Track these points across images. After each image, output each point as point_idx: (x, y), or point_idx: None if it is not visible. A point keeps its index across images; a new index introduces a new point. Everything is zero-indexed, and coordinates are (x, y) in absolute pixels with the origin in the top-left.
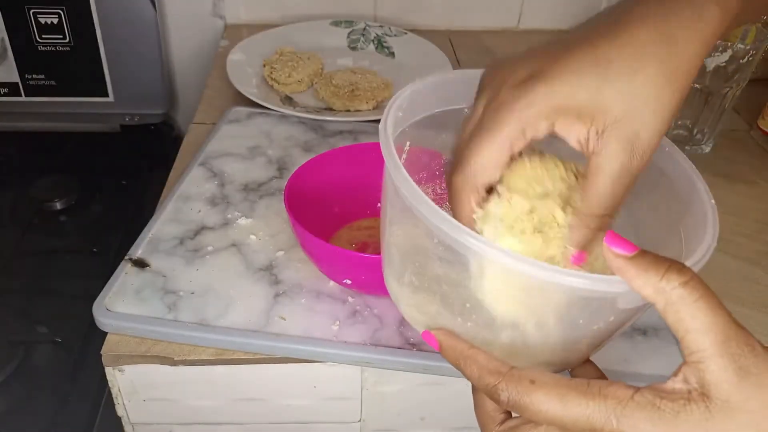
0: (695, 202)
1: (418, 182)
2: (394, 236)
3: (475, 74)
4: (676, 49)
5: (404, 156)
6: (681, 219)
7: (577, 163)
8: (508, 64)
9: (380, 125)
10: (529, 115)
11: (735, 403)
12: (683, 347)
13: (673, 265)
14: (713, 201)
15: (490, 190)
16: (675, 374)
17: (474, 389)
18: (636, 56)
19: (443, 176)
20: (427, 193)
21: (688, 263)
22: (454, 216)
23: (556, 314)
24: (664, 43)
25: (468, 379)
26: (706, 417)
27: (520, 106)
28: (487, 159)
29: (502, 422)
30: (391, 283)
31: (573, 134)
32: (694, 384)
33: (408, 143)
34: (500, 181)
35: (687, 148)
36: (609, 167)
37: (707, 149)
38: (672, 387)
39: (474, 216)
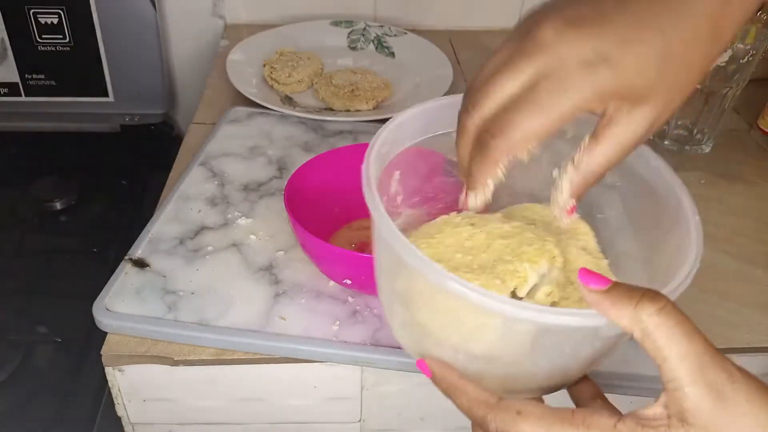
0: (681, 219)
1: (419, 184)
2: (385, 275)
3: (454, 100)
4: (718, 44)
5: (394, 185)
6: (669, 235)
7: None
8: (572, 31)
9: (363, 168)
10: (590, 99)
11: (713, 429)
12: (662, 374)
13: (646, 293)
14: (698, 217)
15: None
16: (656, 400)
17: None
18: (692, 50)
19: (441, 176)
20: (425, 191)
21: (665, 289)
22: (473, 169)
23: (541, 346)
24: (713, 39)
25: (459, 409)
26: None
27: (585, 90)
28: (534, 132)
29: None
30: (385, 308)
31: (608, 107)
32: (673, 410)
33: (398, 173)
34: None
35: (687, 148)
36: (624, 139)
37: (707, 149)
38: (653, 413)
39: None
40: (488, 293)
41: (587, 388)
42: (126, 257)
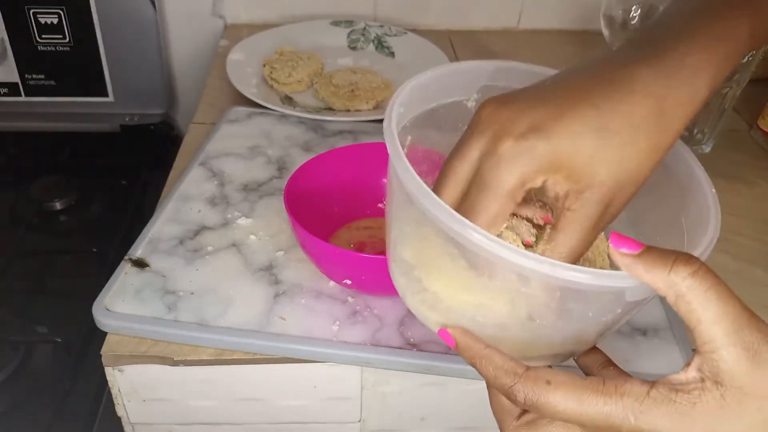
0: (696, 192)
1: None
2: (402, 233)
3: (469, 66)
4: (666, 126)
5: (404, 151)
6: (682, 210)
7: None
8: (510, 105)
9: (384, 122)
10: (530, 171)
11: (749, 389)
12: (696, 337)
13: (680, 257)
14: (714, 190)
15: None
16: (688, 364)
17: (489, 386)
18: (632, 129)
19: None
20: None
21: (696, 252)
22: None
23: (566, 308)
24: (657, 119)
25: (484, 378)
26: (721, 404)
27: (523, 162)
28: (491, 218)
29: (519, 416)
30: (399, 278)
31: (554, 189)
32: (707, 373)
33: (409, 138)
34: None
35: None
36: (581, 225)
37: (707, 149)
38: (686, 377)
39: None
40: (518, 249)
41: (598, 356)
42: (126, 257)
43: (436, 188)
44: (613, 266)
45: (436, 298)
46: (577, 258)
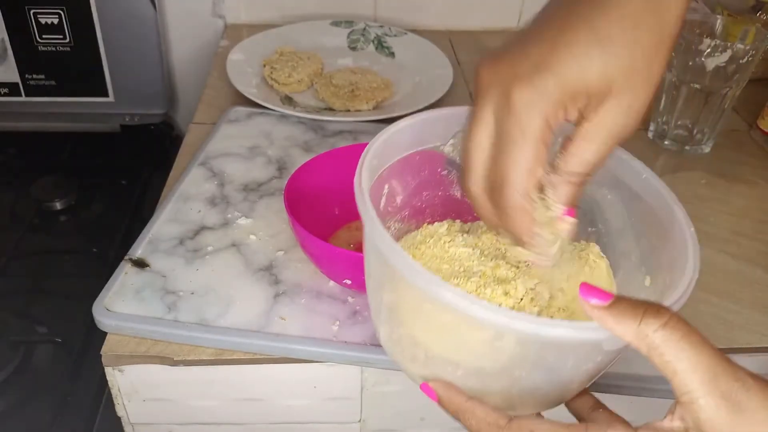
0: (675, 230)
1: (420, 184)
2: (380, 288)
3: (441, 114)
4: (664, 16)
5: (383, 200)
6: (664, 246)
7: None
8: (504, 59)
9: (355, 181)
10: (549, 108)
11: None
12: (674, 388)
13: (649, 308)
14: (692, 229)
15: None
16: (671, 412)
17: None
18: (633, 29)
19: (430, 189)
20: (422, 197)
21: (667, 302)
22: (511, 230)
23: (545, 359)
24: (653, 12)
25: (468, 431)
26: None
27: (539, 103)
28: (530, 165)
29: None
30: (379, 327)
31: (579, 112)
32: (689, 422)
33: (386, 187)
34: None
35: (687, 148)
36: (600, 134)
37: (707, 149)
38: (670, 426)
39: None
40: (492, 306)
41: (586, 399)
42: (126, 257)
43: (466, 167)
44: None
45: (416, 347)
46: (594, 170)
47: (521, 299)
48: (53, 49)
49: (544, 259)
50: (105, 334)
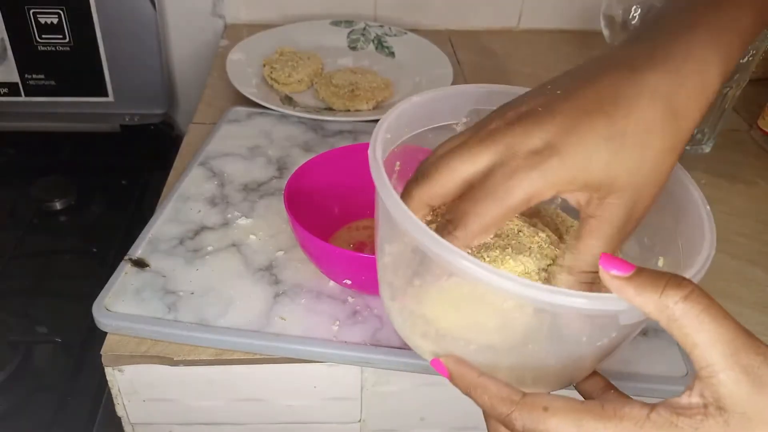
0: (690, 209)
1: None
2: (391, 258)
3: (457, 90)
4: (680, 124)
5: (395, 175)
6: (676, 227)
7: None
8: (521, 123)
9: (369, 150)
10: (540, 188)
11: (753, 415)
12: (693, 362)
13: (671, 279)
14: (708, 207)
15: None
16: (689, 388)
17: (485, 414)
18: (646, 132)
19: None
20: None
21: (687, 275)
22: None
23: (560, 333)
24: (670, 119)
25: (480, 407)
26: (725, 430)
27: (533, 178)
28: (491, 222)
29: None
30: (389, 304)
31: (574, 198)
32: (709, 398)
33: (398, 163)
34: None
35: (687, 148)
36: (605, 231)
37: (707, 149)
38: (688, 402)
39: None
40: (510, 275)
41: (597, 380)
42: (126, 257)
43: (422, 173)
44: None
45: (427, 322)
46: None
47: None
48: (53, 49)
49: None
50: (105, 334)
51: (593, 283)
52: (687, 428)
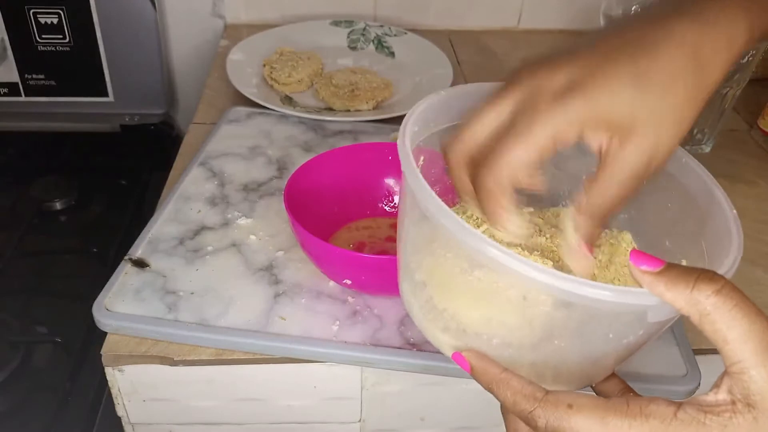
0: (716, 213)
1: (440, 188)
2: (414, 251)
3: (482, 88)
4: (704, 74)
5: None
6: (701, 231)
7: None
8: (545, 67)
9: (398, 140)
10: (562, 124)
11: None
12: (724, 358)
13: (703, 274)
14: (735, 210)
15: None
16: (717, 385)
17: (504, 411)
18: (670, 77)
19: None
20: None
21: (721, 270)
22: (483, 205)
23: (586, 329)
24: (695, 68)
25: (502, 403)
26: (754, 428)
27: (556, 114)
28: (518, 161)
29: None
30: (411, 300)
31: (596, 140)
32: (738, 395)
33: (422, 158)
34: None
35: (687, 148)
36: (624, 174)
37: (707, 149)
38: (715, 399)
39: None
40: (538, 265)
41: (616, 383)
42: (126, 257)
43: (455, 135)
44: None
45: (448, 317)
46: (616, 211)
47: None
48: (53, 48)
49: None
50: (105, 334)
51: (601, 225)
52: (715, 426)
